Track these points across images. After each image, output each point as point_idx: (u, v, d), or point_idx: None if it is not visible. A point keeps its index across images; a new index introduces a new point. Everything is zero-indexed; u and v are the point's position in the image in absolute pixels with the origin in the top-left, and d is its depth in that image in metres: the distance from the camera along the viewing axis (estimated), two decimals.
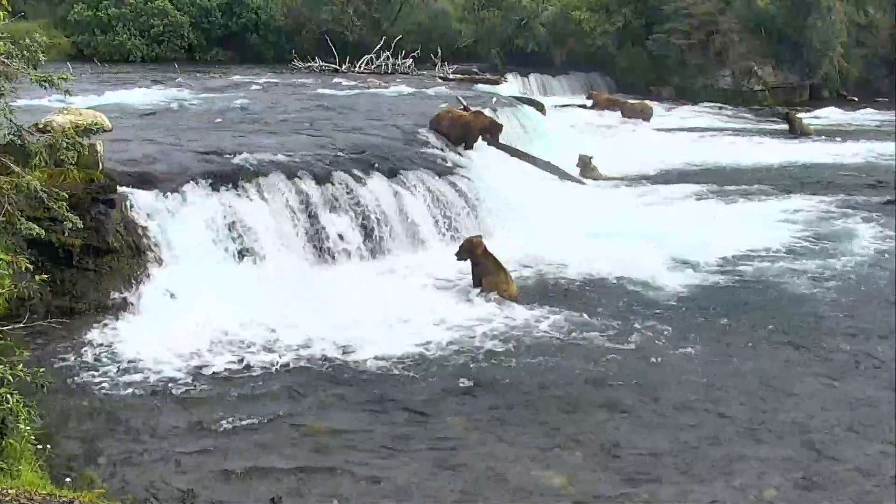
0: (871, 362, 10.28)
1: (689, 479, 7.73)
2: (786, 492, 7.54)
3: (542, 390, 9.41)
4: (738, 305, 12.20)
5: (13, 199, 9.14)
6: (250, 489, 7.44)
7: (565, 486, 7.59)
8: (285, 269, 12.57)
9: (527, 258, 14.02)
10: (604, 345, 10.63)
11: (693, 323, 11.50)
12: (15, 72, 9.50)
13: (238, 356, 10.14)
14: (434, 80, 33.28)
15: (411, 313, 11.42)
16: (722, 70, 39.21)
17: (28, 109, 12.20)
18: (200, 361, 9.96)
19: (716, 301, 12.35)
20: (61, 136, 10.69)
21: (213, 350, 10.25)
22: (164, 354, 10.02)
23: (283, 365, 9.97)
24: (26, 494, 5.38)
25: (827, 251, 14.92)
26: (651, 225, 16.07)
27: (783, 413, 8.98)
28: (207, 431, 8.41)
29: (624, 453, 8.14)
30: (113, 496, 6.88)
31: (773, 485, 7.62)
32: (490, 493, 7.47)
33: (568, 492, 7.51)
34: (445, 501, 7.36)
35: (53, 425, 8.04)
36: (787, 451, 8.20)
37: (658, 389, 9.48)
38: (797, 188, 20.21)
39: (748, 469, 7.87)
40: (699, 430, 8.61)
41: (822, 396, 9.36)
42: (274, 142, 15.82)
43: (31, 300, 9.97)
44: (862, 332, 11.24)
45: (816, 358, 10.43)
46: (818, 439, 8.43)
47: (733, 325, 11.45)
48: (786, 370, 10.06)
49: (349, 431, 8.50)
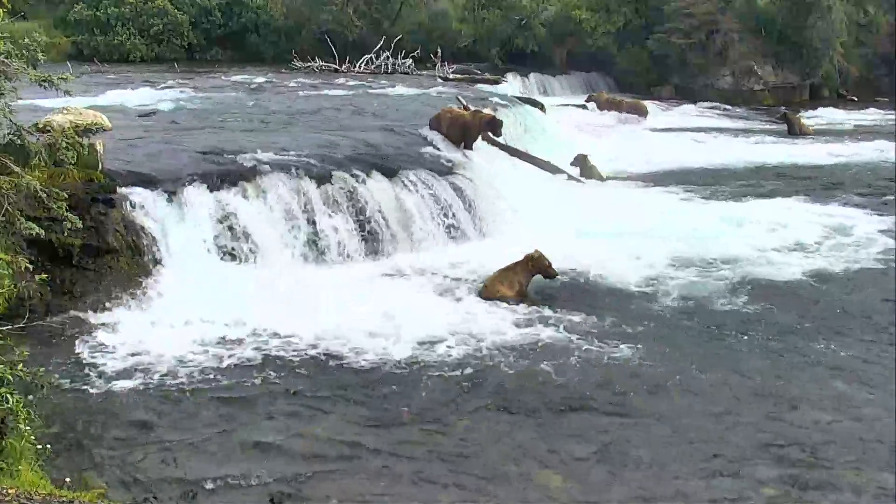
0: (872, 365, 10.30)
1: (688, 479, 7.73)
2: (785, 492, 7.54)
3: (541, 391, 9.41)
4: (737, 306, 12.18)
5: (13, 199, 9.14)
6: (250, 489, 7.44)
7: (565, 486, 7.60)
8: (285, 269, 12.59)
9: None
10: (603, 345, 10.63)
11: (693, 323, 11.50)
12: (15, 72, 9.50)
13: (238, 356, 10.13)
14: (434, 80, 33.31)
15: (410, 313, 11.41)
16: (722, 70, 39.26)
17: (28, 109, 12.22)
18: (200, 361, 9.96)
19: (714, 301, 12.33)
20: (61, 136, 10.71)
21: (212, 350, 10.24)
22: (163, 354, 10.02)
23: (283, 365, 9.97)
24: (26, 494, 5.39)
25: (827, 251, 14.92)
26: (649, 225, 16.07)
27: (783, 414, 8.98)
28: (207, 431, 8.41)
29: (623, 453, 8.13)
30: (113, 496, 6.89)
31: (772, 485, 7.62)
32: (490, 493, 7.47)
33: (567, 492, 7.52)
34: (446, 501, 7.37)
35: (53, 425, 8.04)
36: (787, 452, 8.20)
37: (657, 389, 9.48)
38: (796, 188, 20.19)
39: (748, 469, 7.87)
40: (699, 430, 8.61)
41: (823, 401, 9.33)
42: (273, 142, 15.81)
43: (31, 300, 9.99)
44: (861, 333, 11.24)
45: (817, 359, 10.41)
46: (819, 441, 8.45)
47: (732, 325, 11.44)
48: (786, 370, 10.05)
49: (349, 432, 8.50)
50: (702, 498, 7.44)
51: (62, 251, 11.06)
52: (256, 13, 40.21)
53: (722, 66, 39.17)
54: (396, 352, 10.33)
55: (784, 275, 13.55)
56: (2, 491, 5.34)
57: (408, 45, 37.79)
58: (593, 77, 40.39)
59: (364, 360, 10.12)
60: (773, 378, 9.81)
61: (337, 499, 7.32)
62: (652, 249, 14.48)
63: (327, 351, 10.35)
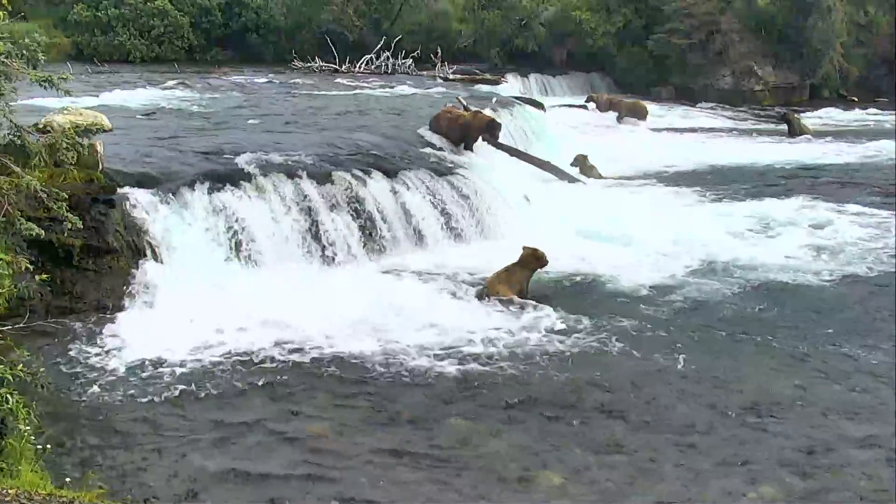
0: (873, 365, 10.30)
1: (688, 479, 7.73)
2: (785, 492, 7.54)
3: (541, 391, 9.40)
4: (737, 307, 12.18)
5: (13, 200, 9.15)
6: (250, 489, 7.43)
7: (565, 486, 7.59)
8: (285, 269, 12.59)
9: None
10: (603, 346, 10.62)
11: (692, 324, 11.49)
12: (15, 72, 9.50)
13: (238, 357, 10.13)
14: (434, 80, 33.34)
15: (410, 314, 11.41)
16: (722, 70, 39.28)
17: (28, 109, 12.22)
18: (200, 362, 9.95)
19: (714, 302, 12.33)
20: (61, 136, 10.70)
21: (212, 351, 10.24)
22: (163, 354, 10.01)
23: (283, 365, 9.97)
24: (26, 494, 5.39)
25: (827, 252, 14.91)
26: (649, 225, 16.05)
27: (784, 416, 8.98)
28: (207, 432, 8.41)
29: (623, 453, 8.13)
30: (113, 496, 6.88)
31: (772, 486, 7.62)
32: (490, 493, 7.47)
33: (567, 492, 7.51)
34: (446, 501, 7.36)
35: (53, 425, 8.03)
36: (787, 453, 8.20)
37: (657, 390, 9.47)
38: (796, 189, 20.19)
39: (748, 470, 7.87)
40: (698, 430, 8.60)
41: (824, 402, 9.32)
42: (274, 142, 15.82)
43: (31, 300, 9.98)
44: (862, 332, 11.24)
45: (816, 361, 10.40)
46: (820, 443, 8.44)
47: (732, 326, 11.44)
48: (786, 371, 10.05)
49: (349, 432, 8.49)
50: (702, 498, 7.44)
51: (62, 251, 11.05)
52: (256, 13, 40.22)
53: (722, 66, 39.19)
54: (396, 351, 10.32)
55: (786, 274, 13.55)
56: (2, 491, 5.34)
57: (408, 45, 37.81)
58: (593, 77, 40.41)
59: (364, 360, 10.10)
60: (774, 377, 9.81)
61: (337, 499, 7.32)
62: (652, 250, 14.48)
63: (327, 351, 10.33)
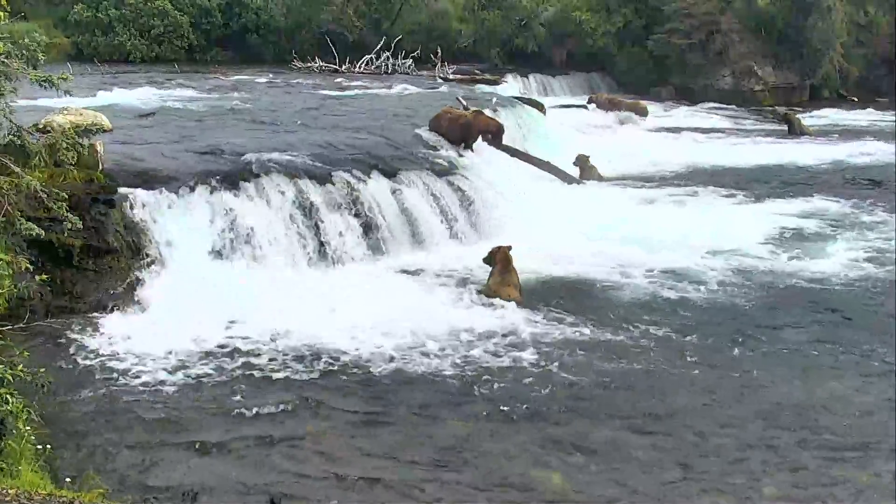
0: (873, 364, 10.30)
1: (688, 480, 7.73)
2: (785, 493, 7.54)
3: (541, 391, 9.40)
4: (737, 307, 12.18)
5: (13, 200, 9.14)
6: (250, 489, 7.43)
7: (565, 486, 7.59)
8: (285, 269, 12.59)
9: (526, 258, 13.98)
10: (602, 347, 10.62)
11: (692, 324, 11.49)
12: (15, 72, 9.49)
13: (238, 356, 10.13)
14: (434, 80, 33.29)
15: (410, 313, 11.41)
16: (722, 70, 39.23)
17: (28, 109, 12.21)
18: (200, 362, 9.95)
19: (714, 302, 12.33)
20: (61, 136, 10.70)
21: (212, 350, 10.24)
22: (163, 354, 10.01)
23: (283, 365, 9.96)
24: (26, 494, 5.38)
25: (827, 252, 14.91)
26: (649, 226, 16.06)
27: (784, 417, 8.98)
28: (208, 431, 8.41)
29: (623, 454, 8.13)
30: (113, 496, 6.88)
31: (772, 487, 7.62)
32: (490, 493, 7.47)
33: (567, 492, 7.51)
34: (446, 501, 7.36)
35: (53, 425, 8.03)
36: (788, 454, 8.19)
37: (657, 390, 9.48)
38: (796, 189, 20.19)
39: (748, 471, 7.86)
40: (699, 432, 8.61)
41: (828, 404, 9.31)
42: (274, 142, 15.83)
43: (31, 300, 9.98)
44: (862, 333, 11.24)
45: (817, 362, 10.40)
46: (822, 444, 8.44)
47: (732, 326, 11.44)
48: (786, 371, 10.05)
49: (349, 432, 8.50)
50: (702, 498, 7.44)
51: (62, 251, 11.05)
52: (257, 14, 40.17)
53: (722, 66, 39.14)
54: (396, 351, 10.32)
55: (786, 274, 13.54)
56: (2, 491, 5.33)
57: (408, 46, 37.76)
58: (593, 77, 40.35)
59: (363, 360, 10.11)
60: (777, 378, 9.81)
61: (337, 499, 7.32)
62: (652, 250, 14.46)
63: (327, 350, 10.33)
